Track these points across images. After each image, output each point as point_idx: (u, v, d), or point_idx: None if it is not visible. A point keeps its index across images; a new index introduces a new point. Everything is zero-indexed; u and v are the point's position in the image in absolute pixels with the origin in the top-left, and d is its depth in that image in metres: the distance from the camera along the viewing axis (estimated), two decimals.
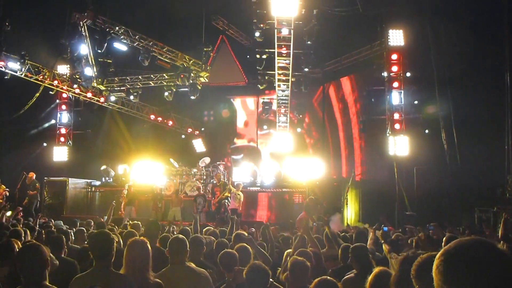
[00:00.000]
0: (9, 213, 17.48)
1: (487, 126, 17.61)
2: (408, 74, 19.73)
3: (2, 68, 18.37)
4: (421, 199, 18.10)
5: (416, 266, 2.50)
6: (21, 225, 9.10)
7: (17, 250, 4.88)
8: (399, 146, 19.13)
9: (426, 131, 19.13)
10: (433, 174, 18.52)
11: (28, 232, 7.49)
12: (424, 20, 19.08)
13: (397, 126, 19.41)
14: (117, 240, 5.74)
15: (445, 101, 18.62)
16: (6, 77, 18.86)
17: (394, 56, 19.74)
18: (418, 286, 2.40)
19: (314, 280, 4.11)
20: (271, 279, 4.79)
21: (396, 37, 19.81)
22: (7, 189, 17.88)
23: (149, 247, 4.40)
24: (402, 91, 19.71)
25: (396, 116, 19.53)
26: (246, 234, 7.38)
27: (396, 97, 19.71)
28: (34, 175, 19.14)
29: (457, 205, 17.12)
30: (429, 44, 18.79)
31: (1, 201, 17.40)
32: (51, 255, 4.72)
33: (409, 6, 19.35)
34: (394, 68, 19.70)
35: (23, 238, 6.81)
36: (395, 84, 19.74)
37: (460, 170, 17.89)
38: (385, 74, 19.98)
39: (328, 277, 4.25)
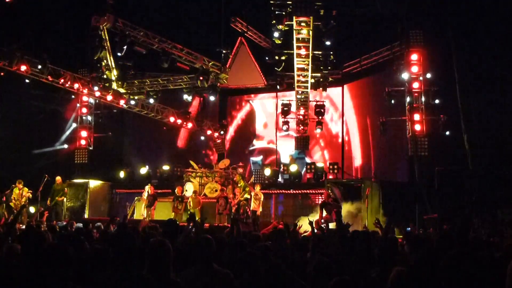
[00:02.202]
0: (33, 209, 17.83)
1: (510, 128, 17.42)
2: (428, 76, 19.58)
3: (23, 72, 18.55)
4: (442, 200, 17.92)
5: None
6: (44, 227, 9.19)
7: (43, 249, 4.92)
8: (420, 147, 18.99)
9: (447, 132, 18.93)
10: (454, 175, 18.34)
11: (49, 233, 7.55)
12: (444, 20, 18.93)
13: (417, 127, 19.26)
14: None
15: (466, 102, 18.44)
16: (27, 80, 19.08)
17: (415, 57, 19.61)
18: None
19: (332, 279, 4.10)
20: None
21: (416, 37, 19.68)
22: (30, 191, 18.11)
23: (170, 247, 4.41)
24: (423, 92, 19.57)
25: (417, 117, 19.38)
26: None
27: (416, 98, 19.59)
28: (61, 180, 19.46)
29: (479, 206, 16.94)
30: (450, 44, 18.62)
31: (24, 203, 17.62)
32: None
33: (429, 6, 19.20)
34: (415, 69, 19.58)
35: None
36: (416, 85, 19.60)
37: (481, 171, 17.71)
38: (405, 75, 19.85)
39: (346, 277, 4.23)
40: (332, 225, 14.70)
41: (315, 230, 9.73)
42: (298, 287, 4.88)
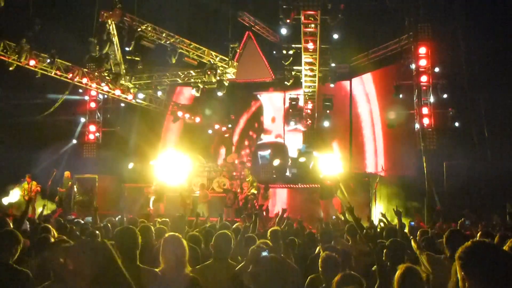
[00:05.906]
0: (40, 209, 17.89)
1: None
2: (436, 69, 19.49)
3: (32, 66, 18.60)
4: (450, 194, 17.85)
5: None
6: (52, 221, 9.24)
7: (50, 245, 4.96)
8: (428, 140, 18.94)
9: (456, 124, 18.86)
10: (462, 169, 18.27)
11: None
12: (453, 13, 18.82)
13: (426, 120, 19.20)
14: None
15: (475, 95, 18.35)
16: (37, 75, 19.11)
17: (423, 50, 19.53)
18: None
19: (338, 274, 4.11)
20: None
21: (425, 30, 19.59)
22: (39, 185, 18.21)
23: (185, 243, 4.43)
24: (431, 85, 19.49)
25: (425, 110, 19.32)
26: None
27: (424, 92, 19.51)
28: (69, 174, 19.50)
29: (487, 200, 16.85)
30: (459, 37, 18.52)
31: (33, 197, 17.73)
32: None
33: None
34: (423, 62, 19.50)
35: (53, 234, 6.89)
36: (424, 78, 19.53)
37: (490, 165, 17.62)
38: (413, 67, 19.78)
39: (352, 272, 4.24)
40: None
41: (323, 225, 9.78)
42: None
